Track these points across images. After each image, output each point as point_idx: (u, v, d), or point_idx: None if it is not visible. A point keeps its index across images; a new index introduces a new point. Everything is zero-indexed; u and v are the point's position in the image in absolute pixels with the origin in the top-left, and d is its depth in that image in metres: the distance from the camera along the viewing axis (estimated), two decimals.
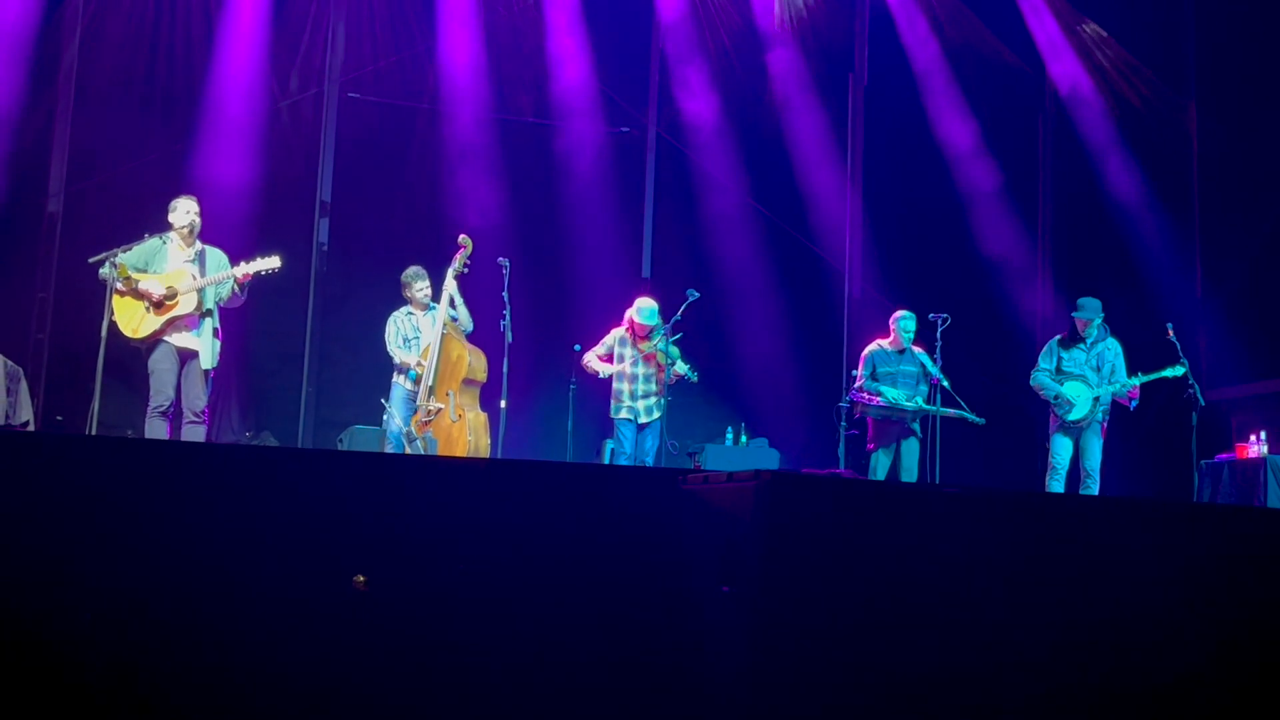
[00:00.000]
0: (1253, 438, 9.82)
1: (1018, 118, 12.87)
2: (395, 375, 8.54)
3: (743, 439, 11.28)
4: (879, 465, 9.24)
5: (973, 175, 12.42)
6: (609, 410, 9.05)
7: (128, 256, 7.36)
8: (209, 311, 7.51)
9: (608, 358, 9.06)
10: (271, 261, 7.53)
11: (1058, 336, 9.24)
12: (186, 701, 4.16)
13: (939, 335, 9.21)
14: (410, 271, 8.72)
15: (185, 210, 7.63)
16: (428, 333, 8.42)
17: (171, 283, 7.42)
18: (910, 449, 9.24)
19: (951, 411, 9.16)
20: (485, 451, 8.17)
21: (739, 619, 4.15)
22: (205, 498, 4.42)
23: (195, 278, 7.47)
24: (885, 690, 4.16)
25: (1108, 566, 4.51)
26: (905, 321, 9.30)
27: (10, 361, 8.88)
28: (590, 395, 9.74)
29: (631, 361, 8.96)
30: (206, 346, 7.48)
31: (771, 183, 12.28)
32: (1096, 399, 8.89)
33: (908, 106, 12.48)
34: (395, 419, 8.28)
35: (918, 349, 9.34)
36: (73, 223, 10.50)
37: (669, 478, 4.95)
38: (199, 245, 7.64)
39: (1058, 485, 8.87)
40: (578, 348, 9.19)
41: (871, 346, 9.46)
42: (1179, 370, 8.86)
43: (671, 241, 12.27)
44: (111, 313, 7.28)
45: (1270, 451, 9.51)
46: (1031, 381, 9.13)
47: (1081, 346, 9.03)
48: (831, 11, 12.56)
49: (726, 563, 4.27)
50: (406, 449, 8.03)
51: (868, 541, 4.27)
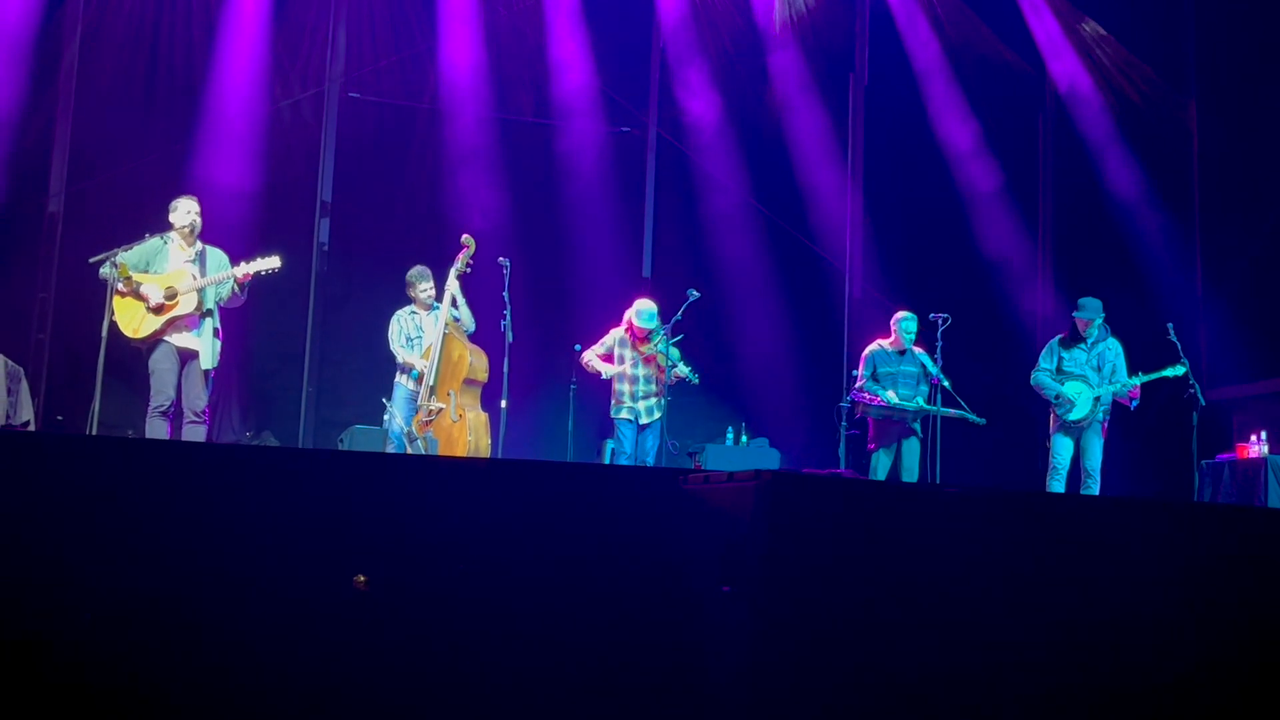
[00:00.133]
0: (1253, 438, 9.82)
1: (1018, 117, 12.86)
2: (398, 375, 8.53)
3: (743, 439, 11.28)
4: (879, 465, 9.24)
5: (973, 175, 12.42)
6: (609, 410, 9.05)
7: (128, 256, 7.36)
8: (209, 311, 7.51)
9: (607, 357, 9.05)
10: (272, 261, 7.53)
11: (1058, 336, 9.24)
12: (186, 702, 4.16)
13: (939, 335, 9.21)
14: (415, 271, 8.71)
15: (186, 210, 7.63)
16: (430, 332, 8.41)
17: (172, 283, 7.42)
18: (911, 449, 9.24)
19: (952, 411, 9.17)
20: (486, 451, 8.17)
21: (739, 619, 4.15)
22: (206, 498, 4.41)
23: (195, 278, 7.47)
24: (886, 690, 4.16)
25: (1108, 566, 4.51)
26: (907, 323, 9.31)
27: (11, 361, 8.87)
28: (590, 395, 9.74)
29: (632, 363, 8.95)
30: (207, 346, 7.48)
31: (772, 183, 12.27)
32: (1097, 399, 8.89)
33: (908, 106, 12.48)
34: (397, 419, 8.27)
35: (918, 349, 9.35)
36: (73, 223, 10.50)
37: (669, 478, 4.94)
38: (199, 245, 7.64)
39: (1058, 485, 8.86)
40: (578, 347, 9.18)
41: (872, 346, 9.46)
42: (1180, 370, 8.86)
43: (672, 241, 12.26)
44: (112, 313, 7.27)
45: (1271, 451, 9.51)
46: (1032, 381, 9.12)
47: (1082, 346, 9.03)
48: (832, 11, 12.55)
49: (727, 563, 4.27)
50: (408, 449, 8.03)
51: (868, 541, 4.27)
